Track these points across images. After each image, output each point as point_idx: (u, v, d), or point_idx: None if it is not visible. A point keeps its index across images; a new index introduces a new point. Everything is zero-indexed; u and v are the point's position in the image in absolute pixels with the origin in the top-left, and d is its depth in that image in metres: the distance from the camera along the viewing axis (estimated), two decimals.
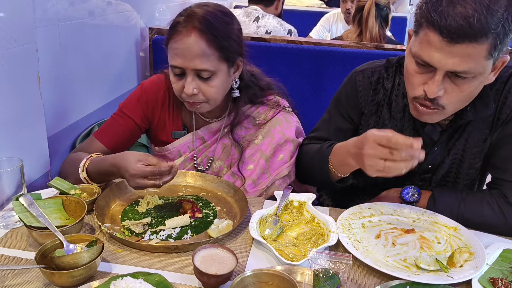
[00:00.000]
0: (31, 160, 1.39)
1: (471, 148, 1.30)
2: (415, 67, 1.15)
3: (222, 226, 1.15)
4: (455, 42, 1.04)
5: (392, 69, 1.38)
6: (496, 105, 1.25)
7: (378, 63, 1.41)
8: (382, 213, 1.27)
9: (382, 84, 1.38)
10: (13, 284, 0.95)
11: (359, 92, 1.39)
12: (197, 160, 1.50)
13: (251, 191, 1.44)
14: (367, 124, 1.40)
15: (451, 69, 1.08)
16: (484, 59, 1.07)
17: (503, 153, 1.26)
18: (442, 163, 1.34)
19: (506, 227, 1.21)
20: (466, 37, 1.03)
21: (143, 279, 0.92)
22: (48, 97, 1.55)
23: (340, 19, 3.81)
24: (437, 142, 1.32)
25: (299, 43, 2.30)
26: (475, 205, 1.24)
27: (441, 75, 1.09)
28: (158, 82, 1.51)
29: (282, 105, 1.51)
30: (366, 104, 1.39)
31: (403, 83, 1.31)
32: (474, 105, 1.24)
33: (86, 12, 1.83)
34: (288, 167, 1.44)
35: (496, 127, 1.27)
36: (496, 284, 0.99)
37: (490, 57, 1.07)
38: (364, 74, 1.40)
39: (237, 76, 1.43)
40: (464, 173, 1.34)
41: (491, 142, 1.29)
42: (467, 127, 1.29)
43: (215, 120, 1.50)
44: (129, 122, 1.48)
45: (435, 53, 1.08)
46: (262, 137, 1.47)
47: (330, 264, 0.98)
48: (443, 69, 1.09)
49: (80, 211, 1.15)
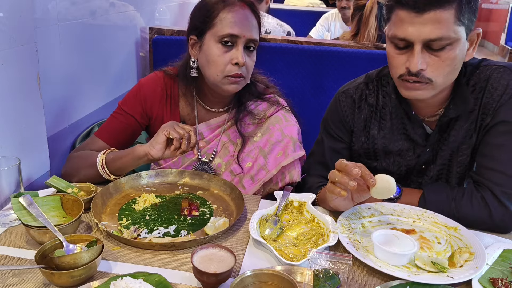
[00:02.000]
0: (31, 160, 1.39)
1: (459, 145, 1.34)
2: (394, 49, 1.22)
3: (218, 224, 1.16)
4: (422, 11, 1.13)
5: (373, 83, 1.43)
6: (480, 101, 1.29)
7: (359, 81, 1.46)
8: (382, 213, 1.27)
9: (365, 101, 1.43)
10: (13, 284, 0.95)
11: (344, 112, 1.44)
12: (201, 152, 1.51)
13: (249, 188, 1.44)
14: (358, 140, 1.45)
15: (426, 37, 1.14)
16: (453, 25, 1.14)
17: (493, 141, 1.28)
18: (433, 163, 1.38)
19: (492, 223, 1.23)
20: (432, 5, 1.12)
21: (143, 279, 0.92)
22: (48, 97, 1.55)
23: (338, 18, 3.83)
24: (428, 143, 1.36)
25: (299, 43, 2.30)
26: (465, 203, 1.25)
27: (419, 47, 1.15)
28: (156, 79, 1.53)
29: (282, 104, 1.53)
30: (354, 122, 1.44)
31: (387, 94, 1.39)
32: (455, 102, 1.29)
33: (86, 12, 1.83)
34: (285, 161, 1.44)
35: (483, 120, 1.29)
36: (496, 284, 0.99)
37: (460, 23, 1.15)
38: (346, 94, 1.45)
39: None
40: (454, 171, 1.37)
41: (477, 136, 1.31)
42: (454, 126, 1.32)
43: (218, 111, 1.52)
44: (129, 119, 1.49)
45: (408, 27, 1.15)
46: (261, 134, 1.48)
47: (330, 264, 0.98)
48: (418, 40, 1.15)
49: (78, 210, 1.15)
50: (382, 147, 1.41)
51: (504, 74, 1.27)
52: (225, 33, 1.35)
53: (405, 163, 1.40)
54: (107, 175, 1.35)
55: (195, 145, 1.32)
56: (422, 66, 1.16)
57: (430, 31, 1.13)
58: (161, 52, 2.36)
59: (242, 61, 1.35)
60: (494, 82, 1.28)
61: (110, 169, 1.35)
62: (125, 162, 1.35)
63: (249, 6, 1.39)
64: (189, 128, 1.30)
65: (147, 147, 1.31)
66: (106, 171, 1.35)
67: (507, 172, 1.24)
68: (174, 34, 2.38)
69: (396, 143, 1.39)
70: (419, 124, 1.35)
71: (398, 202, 1.31)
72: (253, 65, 1.43)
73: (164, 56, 1.37)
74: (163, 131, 1.29)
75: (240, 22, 1.35)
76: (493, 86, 1.27)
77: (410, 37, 1.15)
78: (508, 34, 4.42)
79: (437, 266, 1.02)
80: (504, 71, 1.28)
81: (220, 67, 1.37)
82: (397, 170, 1.42)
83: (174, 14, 2.81)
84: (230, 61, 1.36)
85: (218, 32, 1.35)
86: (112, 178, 1.36)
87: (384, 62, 1.42)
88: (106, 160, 1.35)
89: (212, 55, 1.37)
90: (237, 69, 1.36)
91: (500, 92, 1.26)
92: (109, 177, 1.36)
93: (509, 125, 1.25)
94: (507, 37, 4.51)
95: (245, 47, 1.38)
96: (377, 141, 1.41)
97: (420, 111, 1.35)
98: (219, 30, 1.35)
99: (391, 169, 1.42)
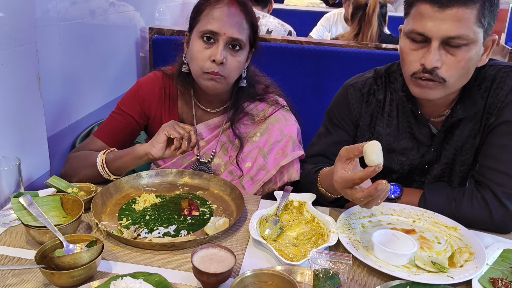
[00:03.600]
0: (31, 160, 1.39)
1: (462, 145, 1.33)
2: (410, 45, 1.20)
3: (218, 224, 1.16)
4: (445, 6, 1.11)
5: (381, 79, 1.41)
6: (485, 101, 1.28)
7: (367, 75, 1.44)
8: (382, 213, 1.26)
9: (373, 95, 1.41)
10: (13, 284, 0.95)
11: (352, 105, 1.42)
12: (199, 152, 1.50)
13: (249, 188, 1.44)
14: (362, 135, 1.43)
15: (445, 35, 1.12)
16: (474, 25, 1.13)
17: (496, 141, 1.27)
18: (437, 162, 1.37)
19: (493, 224, 1.23)
20: (456, 1, 1.11)
21: (143, 279, 0.92)
22: (48, 97, 1.55)
23: (340, 19, 3.80)
24: (432, 143, 1.35)
25: (299, 43, 2.30)
26: (466, 203, 1.25)
27: (437, 44, 1.14)
28: (154, 79, 1.53)
29: (281, 104, 1.53)
30: (360, 116, 1.42)
31: (394, 91, 1.37)
32: (464, 103, 1.28)
33: (86, 12, 1.83)
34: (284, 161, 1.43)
35: (488, 120, 1.29)
36: (496, 284, 0.99)
37: (480, 24, 1.14)
38: (355, 87, 1.43)
39: (246, 65, 1.45)
40: (457, 170, 1.37)
41: (481, 136, 1.31)
42: (459, 125, 1.31)
43: (215, 111, 1.51)
44: (128, 119, 1.49)
45: (428, 22, 1.14)
46: (260, 134, 1.48)
47: (330, 264, 0.98)
48: (437, 36, 1.13)
49: (78, 210, 1.15)
50: (385, 144, 1.38)
51: (510, 74, 1.27)
52: (205, 28, 1.33)
53: (408, 162, 1.40)
54: (107, 175, 1.35)
55: (195, 145, 1.31)
56: (437, 64, 1.15)
57: (449, 28, 1.12)
58: (161, 52, 2.36)
59: (219, 58, 1.32)
60: (499, 82, 1.27)
61: (110, 169, 1.35)
62: (125, 161, 1.35)
63: (239, 5, 1.35)
64: (190, 128, 1.30)
65: (147, 147, 1.31)
66: (107, 171, 1.35)
67: (509, 173, 1.24)
68: (174, 34, 2.38)
69: (400, 141, 1.38)
70: (424, 123, 1.34)
71: (398, 202, 1.31)
72: (239, 65, 1.38)
73: (164, 56, 1.37)
74: (163, 130, 1.29)
75: (221, 19, 1.32)
76: (499, 86, 1.27)
77: (428, 33, 1.14)
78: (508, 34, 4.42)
79: (437, 266, 1.02)
80: (510, 71, 1.27)
81: (200, 62, 1.35)
82: (400, 169, 1.41)
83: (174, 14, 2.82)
84: (209, 58, 1.34)
85: (200, 28, 1.35)
86: (113, 178, 1.36)
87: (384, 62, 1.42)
88: (106, 160, 1.35)
89: (194, 50, 1.36)
90: (214, 67, 1.33)
91: (506, 92, 1.26)
92: (109, 177, 1.36)
93: None
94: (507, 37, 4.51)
95: (229, 46, 1.35)
96: (381, 138, 1.39)
97: (426, 111, 1.34)
98: (201, 26, 1.35)
99: (393, 167, 1.41)
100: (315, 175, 1.33)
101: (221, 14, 1.33)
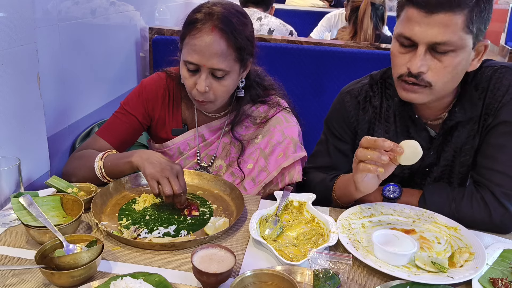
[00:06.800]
0: (31, 160, 1.39)
1: (462, 146, 1.33)
2: (398, 48, 1.20)
3: (218, 224, 1.16)
4: (431, 12, 1.11)
5: (377, 86, 1.41)
6: (482, 102, 1.28)
7: (363, 82, 1.44)
8: (382, 213, 1.26)
9: (370, 102, 1.41)
10: (12, 284, 0.95)
11: (349, 112, 1.42)
12: (200, 156, 1.50)
13: (250, 189, 1.44)
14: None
15: (431, 40, 1.13)
16: (461, 31, 1.12)
17: (494, 141, 1.27)
18: (436, 165, 1.37)
19: (492, 224, 1.23)
20: (442, 7, 1.10)
21: (143, 279, 0.92)
22: (48, 97, 1.55)
23: (341, 20, 3.79)
24: (432, 146, 1.35)
25: (299, 43, 2.30)
26: (465, 204, 1.25)
27: (423, 49, 1.14)
28: (158, 80, 1.53)
29: (283, 105, 1.52)
30: (358, 123, 1.42)
31: (390, 97, 1.37)
32: (463, 106, 1.28)
33: (86, 12, 1.83)
34: (285, 163, 1.43)
35: (486, 121, 1.29)
36: (496, 284, 0.99)
37: (468, 31, 1.13)
38: (351, 95, 1.42)
39: (244, 76, 1.44)
40: (457, 171, 1.36)
41: (480, 137, 1.31)
42: (457, 127, 1.31)
43: (217, 116, 1.51)
44: (131, 119, 1.49)
45: (415, 26, 1.14)
46: (262, 136, 1.48)
47: (330, 264, 0.98)
48: (423, 41, 1.14)
49: (77, 210, 1.15)
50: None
51: (506, 74, 1.27)
52: (186, 59, 1.33)
53: (409, 166, 1.39)
54: (106, 180, 1.35)
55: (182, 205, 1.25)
56: (423, 69, 1.15)
57: (436, 34, 1.12)
58: (161, 52, 2.35)
59: (202, 90, 1.32)
60: (496, 82, 1.27)
61: (108, 174, 1.34)
62: (123, 170, 1.33)
63: (219, 31, 1.29)
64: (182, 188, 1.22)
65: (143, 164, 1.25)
66: (105, 176, 1.34)
67: (508, 173, 1.24)
68: (174, 34, 2.38)
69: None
70: (422, 127, 1.34)
71: (398, 202, 1.31)
72: (226, 89, 1.36)
73: (164, 56, 1.36)
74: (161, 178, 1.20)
75: (201, 51, 1.29)
76: (495, 86, 1.27)
77: (415, 37, 1.14)
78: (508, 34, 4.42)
79: (437, 266, 1.02)
80: (506, 71, 1.27)
81: (188, 88, 1.38)
82: (401, 173, 1.40)
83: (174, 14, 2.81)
84: (194, 85, 1.34)
85: (184, 56, 1.35)
86: (111, 181, 1.35)
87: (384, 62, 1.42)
88: (104, 166, 1.34)
89: (182, 74, 1.38)
90: (200, 96, 1.35)
91: (502, 93, 1.26)
92: (108, 181, 1.35)
93: (510, 125, 1.25)
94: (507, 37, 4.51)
95: (212, 73, 1.33)
96: None
97: (423, 114, 1.34)
98: (184, 54, 1.34)
99: (394, 172, 1.41)
100: (331, 182, 1.36)
101: (200, 44, 1.29)
